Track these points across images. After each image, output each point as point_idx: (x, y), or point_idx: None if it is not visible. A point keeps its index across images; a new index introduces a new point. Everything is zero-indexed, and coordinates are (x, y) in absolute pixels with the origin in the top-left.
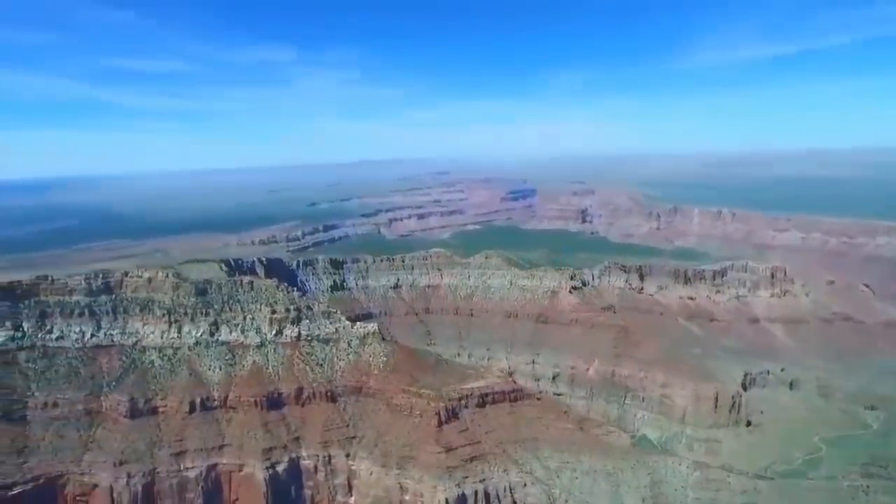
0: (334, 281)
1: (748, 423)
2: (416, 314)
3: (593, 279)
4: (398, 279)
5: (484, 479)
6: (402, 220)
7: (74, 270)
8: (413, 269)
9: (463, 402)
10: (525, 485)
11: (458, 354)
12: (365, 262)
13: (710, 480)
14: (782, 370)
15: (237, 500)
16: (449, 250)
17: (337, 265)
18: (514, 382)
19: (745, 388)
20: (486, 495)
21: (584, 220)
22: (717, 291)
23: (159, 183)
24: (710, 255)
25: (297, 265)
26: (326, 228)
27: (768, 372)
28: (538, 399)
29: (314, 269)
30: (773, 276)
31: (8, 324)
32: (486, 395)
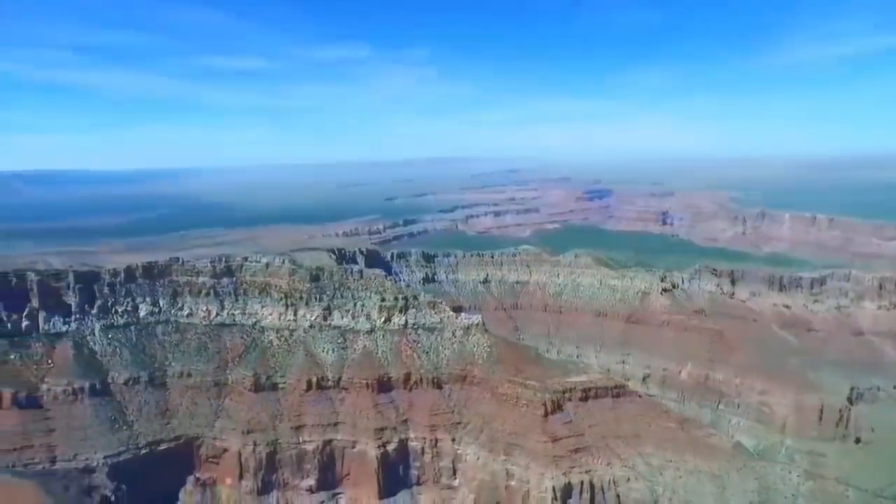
0: (426, 274)
1: (857, 440)
2: (505, 310)
3: (683, 282)
4: (487, 274)
5: (589, 471)
6: (478, 217)
7: (181, 255)
8: (502, 265)
9: (567, 395)
10: (629, 479)
11: (547, 351)
12: (455, 256)
13: (825, 492)
14: (895, 387)
15: (349, 474)
16: (536, 248)
17: (429, 258)
18: (616, 379)
19: (850, 402)
20: (591, 486)
21: (664, 223)
22: (816, 301)
23: (242, 176)
24: (807, 262)
25: (392, 257)
26: (406, 223)
27: (878, 388)
28: (639, 397)
29: (407, 261)
30: (881, 287)
31: (148, 300)
32: (589, 389)
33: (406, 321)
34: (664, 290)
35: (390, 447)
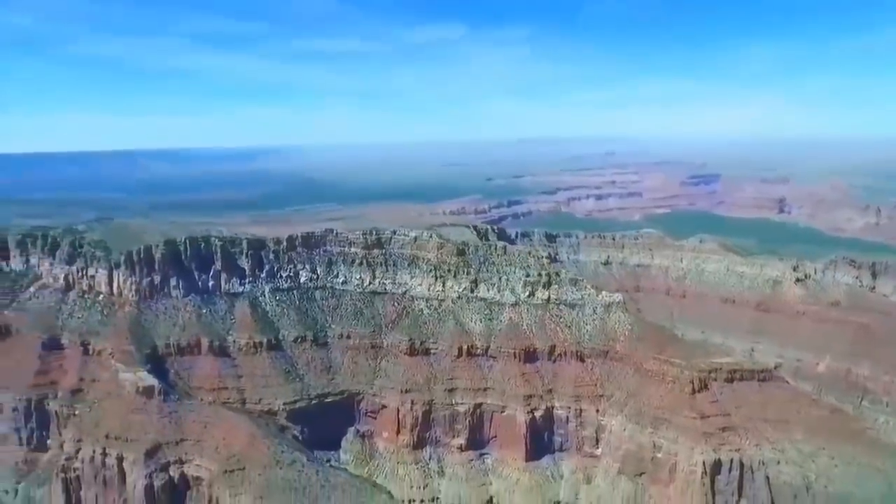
0: (549, 253)
1: None
2: (626, 291)
3: (815, 272)
4: (608, 256)
5: (738, 450)
6: (579, 199)
7: (306, 229)
8: (623, 247)
9: (712, 375)
10: (778, 462)
11: None
12: (577, 237)
13: None
14: None
15: (496, 436)
16: (658, 232)
17: (551, 238)
18: (763, 364)
19: None
20: (741, 465)
21: (781, 210)
22: None
23: (341, 154)
24: None
25: (516, 235)
26: (510, 203)
27: None
28: (787, 383)
29: (531, 240)
30: None
31: (307, 267)
32: (735, 371)
33: (549, 296)
34: (798, 279)
35: (537, 413)
